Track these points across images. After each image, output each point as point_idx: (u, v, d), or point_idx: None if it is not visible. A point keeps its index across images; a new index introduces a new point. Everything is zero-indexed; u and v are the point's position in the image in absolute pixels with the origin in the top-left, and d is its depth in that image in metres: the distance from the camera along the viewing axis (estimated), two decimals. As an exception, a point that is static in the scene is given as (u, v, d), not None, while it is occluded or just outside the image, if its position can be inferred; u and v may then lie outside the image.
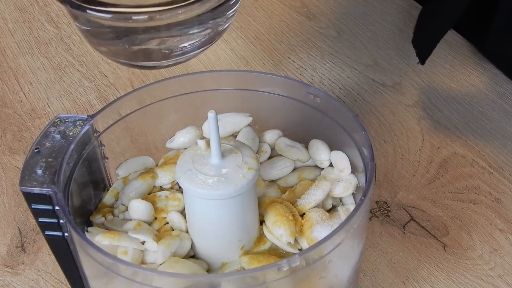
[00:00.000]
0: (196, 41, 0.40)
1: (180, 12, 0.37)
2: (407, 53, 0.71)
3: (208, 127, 0.39)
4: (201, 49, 0.42)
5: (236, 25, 0.76)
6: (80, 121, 0.43)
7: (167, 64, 0.41)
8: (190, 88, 0.47)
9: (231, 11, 0.41)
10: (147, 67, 0.44)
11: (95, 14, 0.36)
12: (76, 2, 0.37)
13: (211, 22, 0.40)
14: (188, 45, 0.40)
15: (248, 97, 0.48)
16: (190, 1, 0.37)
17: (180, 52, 0.40)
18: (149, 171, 0.46)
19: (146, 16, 0.37)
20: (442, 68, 0.69)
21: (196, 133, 0.46)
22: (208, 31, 0.40)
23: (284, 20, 0.77)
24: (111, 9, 0.37)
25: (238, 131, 0.47)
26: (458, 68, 0.69)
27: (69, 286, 0.45)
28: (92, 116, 0.44)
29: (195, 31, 0.40)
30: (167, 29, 0.39)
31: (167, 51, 0.40)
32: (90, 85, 0.69)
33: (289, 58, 0.71)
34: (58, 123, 0.43)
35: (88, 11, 0.37)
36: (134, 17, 0.37)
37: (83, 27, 0.41)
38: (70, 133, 0.42)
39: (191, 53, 0.41)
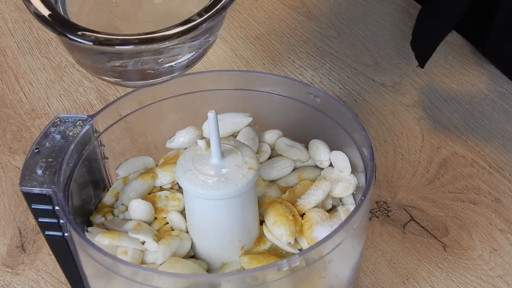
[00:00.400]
0: (184, 60, 0.39)
1: (167, 43, 0.35)
2: (407, 53, 0.71)
3: (208, 127, 0.39)
4: (190, 66, 0.40)
5: (236, 25, 0.76)
6: (80, 121, 0.43)
7: (152, 84, 0.40)
8: (190, 88, 0.47)
9: (220, 26, 0.40)
10: (133, 86, 0.43)
11: (77, 41, 0.35)
12: (57, 28, 0.35)
13: (200, 40, 0.39)
14: (175, 64, 0.39)
15: (248, 97, 0.48)
16: (179, 31, 0.35)
17: (167, 70, 0.39)
18: (149, 171, 0.46)
19: (132, 47, 0.35)
20: (442, 68, 0.69)
21: (196, 133, 0.46)
22: (196, 47, 0.39)
23: (284, 20, 0.77)
24: (94, 35, 0.35)
25: (238, 131, 0.47)
26: (458, 68, 0.69)
27: (69, 286, 0.45)
28: (92, 116, 0.44)
29: (183, 51, 0.38)
30: (152, 51, 0.38)
31: (151, 71, 0.38)
32: (90, 85, 0.69)
33: (289, 58, 0.71)
34: (58, 123, 0.43)
35: (70, 36, 0.35)
36: (119, 48, 0.35)
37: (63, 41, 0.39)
38: (70, 133, 0.42)
39: (179, 71, 0.39)
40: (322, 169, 0.46)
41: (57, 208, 0.39)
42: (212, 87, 0.48)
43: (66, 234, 0.40)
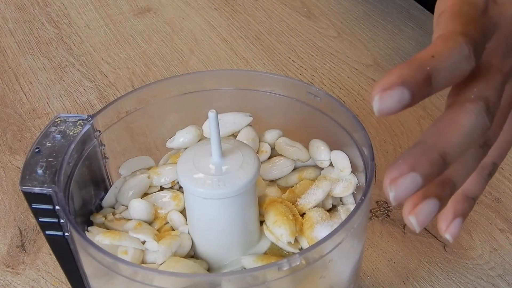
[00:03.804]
0: None
1: None
2: (407, 53, 0.71)
3: (209, 127, 0.39)
4: None
5: (236, 25, 0.77)
6: (81, 121, 0.43)
7: None
8: (190, 88, 0.47)
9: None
10: None
11: None
12: None
13: None
14: None
15: (248, 97, 0.48)
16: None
17: None
18: (148, 170, 0.46)
19: None
20: (442, 68, 0.69)
21: (196, 132, 0.46)
22: None
23: (284, 20, 0.77)
24: None
25: (238, 131, 0.47)
26: (458, 68, 0.69)
27: (69, 285, 0.45)
28: (92, 116, 0.44)
29: None
30: None
31: None
32: (90, 85, 0.69)
33: (289, 58, 0.72)
34: (58, 123, 0.43)
35: None
36: None
37: None
38: (71, 133, 0.42)
39: None
40: (322, 169, 0.46)
41: (57, 207, 0.39)
42: (212, 87, 0.48)
43: (66, 234, 0.40)
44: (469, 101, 0.31)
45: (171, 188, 0.46)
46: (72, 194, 0.41)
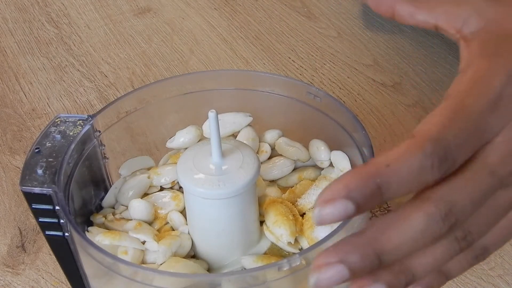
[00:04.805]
0: None
1: None
2: (407, 53, 0.71)
3: (209, 127, 0.39)
4: None
5: (236, 25, 0.77)
6: (81, 121, 0.43)
7: None
8: (190, 88, 0.47)
9: None
10: None
11: None
12: None
13: None
14: None
15: (248, 97, 0.48)
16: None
17: None
18: (148, 170, 0.46)
19: None
20: (442, 68, 0.69)
21: (196, 133, 0.46)
22: None
23: (284, 20, 0.77)
24: None
25: (238, 131, 0.47)
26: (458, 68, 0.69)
27: (69, 286, 0.45)
28: (92, 116, 0.44)
29: None
30: None
31: None
32: (90, 85, 0.69)
33: (289, 58, 0.72)
34: (58, 123, 0.43)
35: None
36: None
37: None
38: (71, 133, 0.42)
39: None
40: (322, 169, 0.46)
41: (57, 207, 0.39)
42: (212, 87, 0.48)
43: (66, 234, 0.40)
44: (428, 200, 0.27)
45: (171, 188, 0.46)
46: (72, 194, 0.41)
